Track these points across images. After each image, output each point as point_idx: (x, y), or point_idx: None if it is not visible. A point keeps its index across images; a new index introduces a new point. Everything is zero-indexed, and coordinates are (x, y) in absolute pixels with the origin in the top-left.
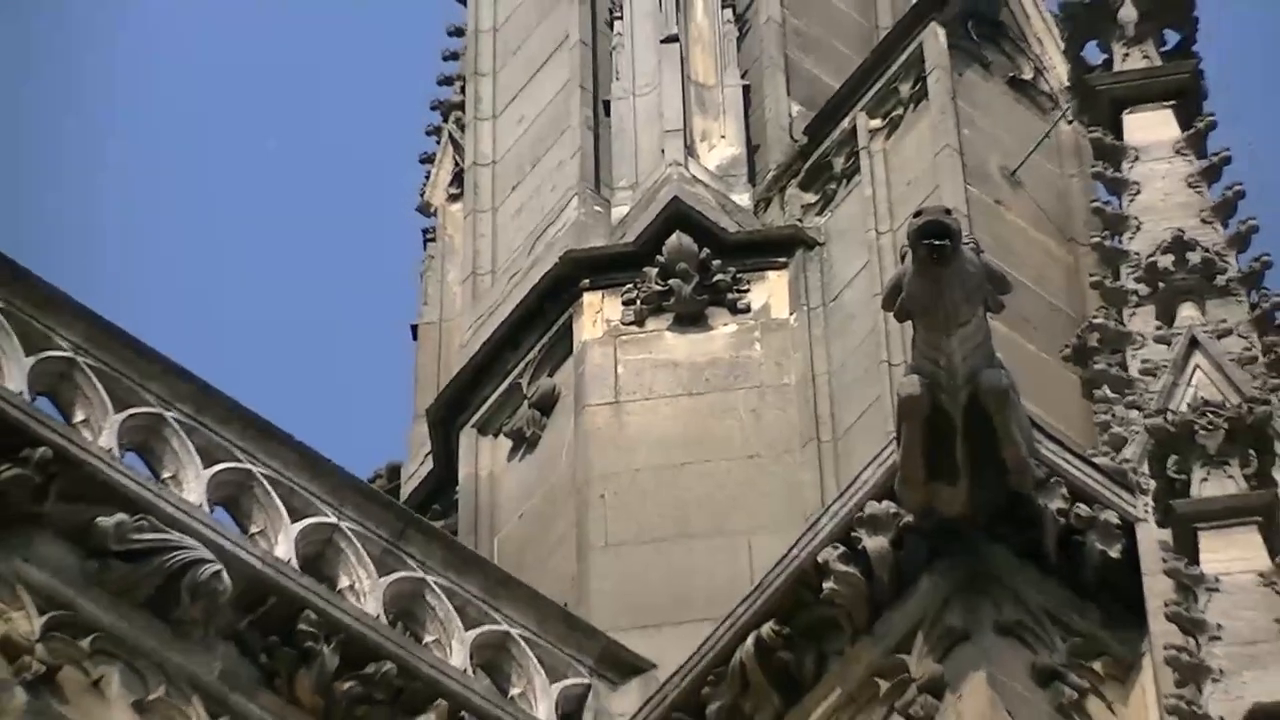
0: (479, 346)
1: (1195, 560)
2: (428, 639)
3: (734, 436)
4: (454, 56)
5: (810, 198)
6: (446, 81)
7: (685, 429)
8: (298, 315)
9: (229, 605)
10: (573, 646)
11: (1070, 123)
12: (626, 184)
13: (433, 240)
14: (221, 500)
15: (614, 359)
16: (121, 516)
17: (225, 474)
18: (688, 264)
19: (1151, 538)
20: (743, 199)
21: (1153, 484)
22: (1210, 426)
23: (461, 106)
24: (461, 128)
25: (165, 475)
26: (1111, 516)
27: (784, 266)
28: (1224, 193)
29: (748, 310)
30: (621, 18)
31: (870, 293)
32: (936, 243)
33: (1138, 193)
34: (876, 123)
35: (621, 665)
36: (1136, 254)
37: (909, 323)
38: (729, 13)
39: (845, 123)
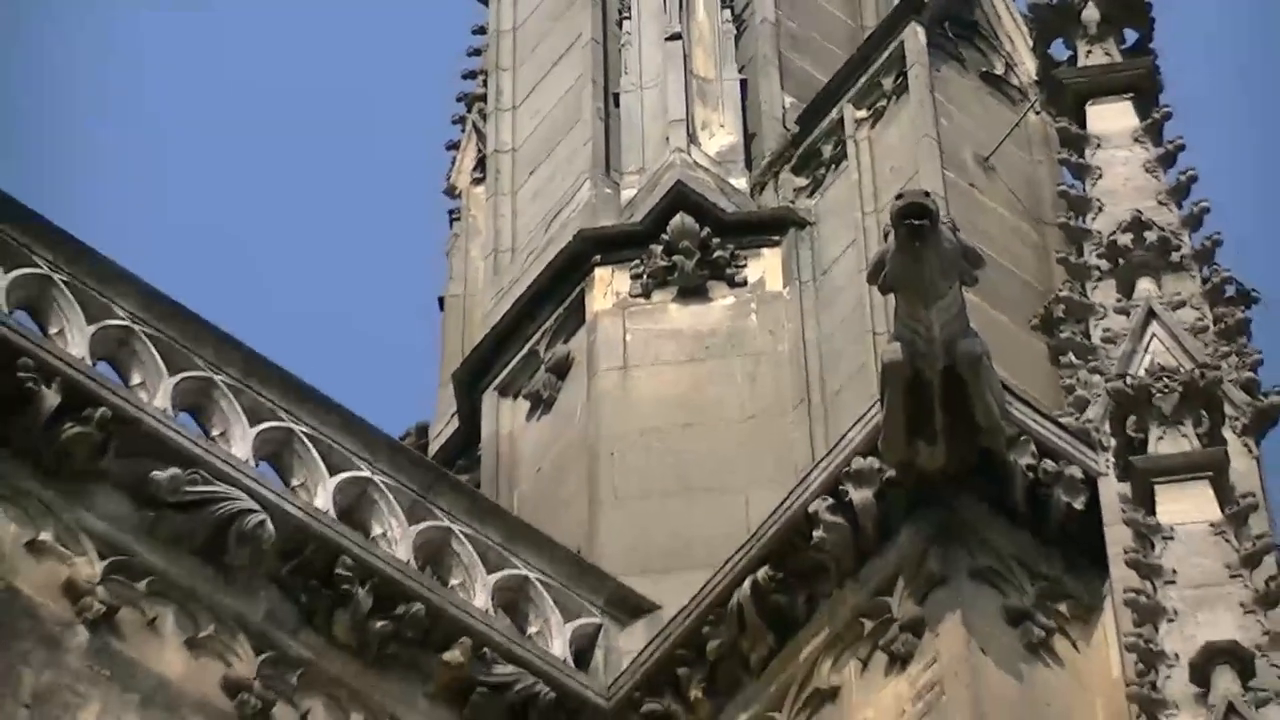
0: (500, 317)
1: (1152, 511)
2: (453, 582)
3: (732, 399)
4: (477, 53)
5: (801, 181)
6: (470, 76)
7: (687, 392)
8: (337, 289)
9: (273, 552)
10: (585, 589)
11: (1038, 113)
12: (634, 169)
13: (458, 220)
14: (266, 456)
15: (623, 328)
16: (175, 470)
17: (269, 432)
18: (690, 242)
19: (1112, 491)
20: (740, 183)
21: (1113, 442)
22: (1166, 390)
23: (484, 98)
24: (484, 118)
25: (215, 433)
26: (1076, 471)
27: (778, 244)
28: (1179, 177)
29: (745, 284)
30: (630, 18)
31: (856, 268)
32: (916, 222)
33: (1100, 177)
34: (862, 114)
35: (629, 607)
36: (1099, 233)
37: (891, 295)
38: (727, 13)
39: (833, 114)
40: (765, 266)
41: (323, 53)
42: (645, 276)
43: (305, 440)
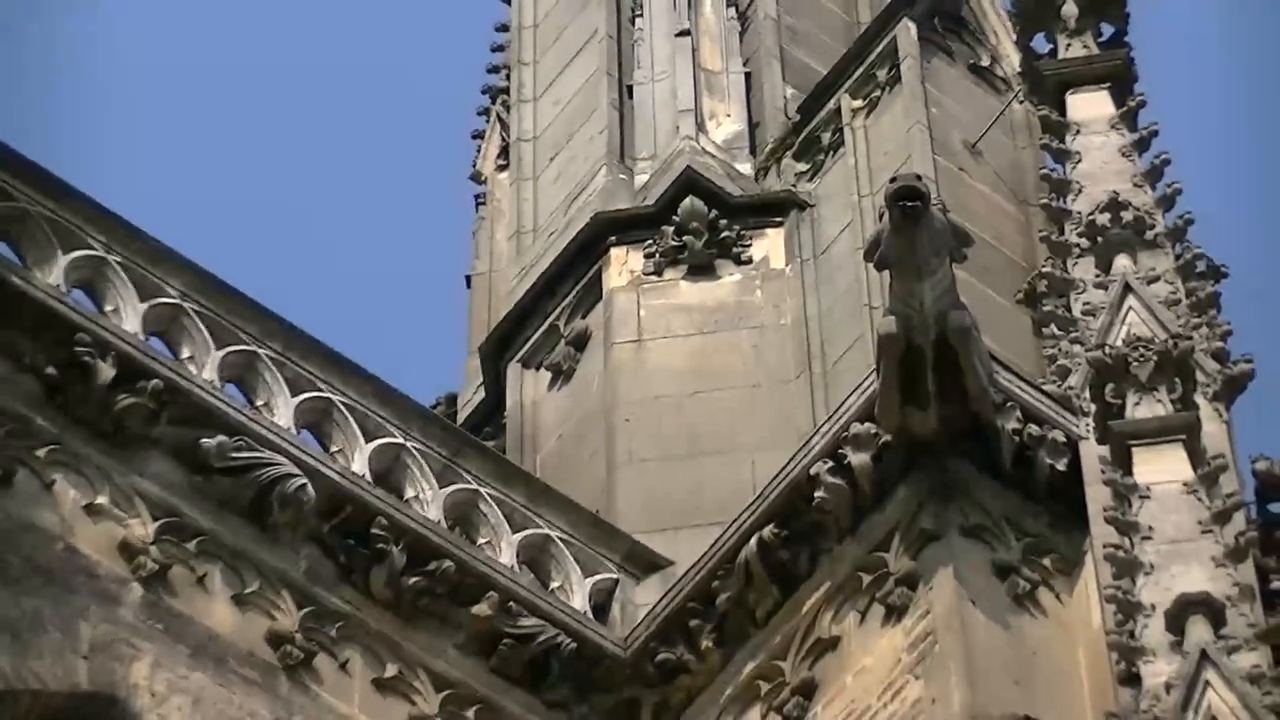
0: (523, 293)
1: (1129, 472)
2: (481, 541)
3: (738, 369)
4: (500, 49)
5: (802, 166)
6: (494, 70)
7: (697, 363)
8: (372, 268)
9: (313, 513)
10: (603, 546)
11: (1022, 102)
12: (646, 156)
13: (483, 204)
14: (307, 424)
15: (637, 304)
16: (222, 438)
17: (309, 402)
18: (699, 223)
19: (1092, 453)
20: (745, 168)
21: (1093, 407)
22: (1142, 358)
23: (507, 91)
24: (507, 109)
25: (259, 403)
26: (1058, 435)
27: (780, 225)
28: (1153, 161)
29: (750, 262)
30: (641, 15)
31: (853, 246)
32: (909, 204)
33: (1079, 161)
34: (858, 103)
35: (644, 563)
36: (1078, 213)
37: (886, 272)
38: (732, 10)
39: (831, 103)
40: (769, 246)
41: (358, 50)
42: (657, 255)
43: (343, 409)
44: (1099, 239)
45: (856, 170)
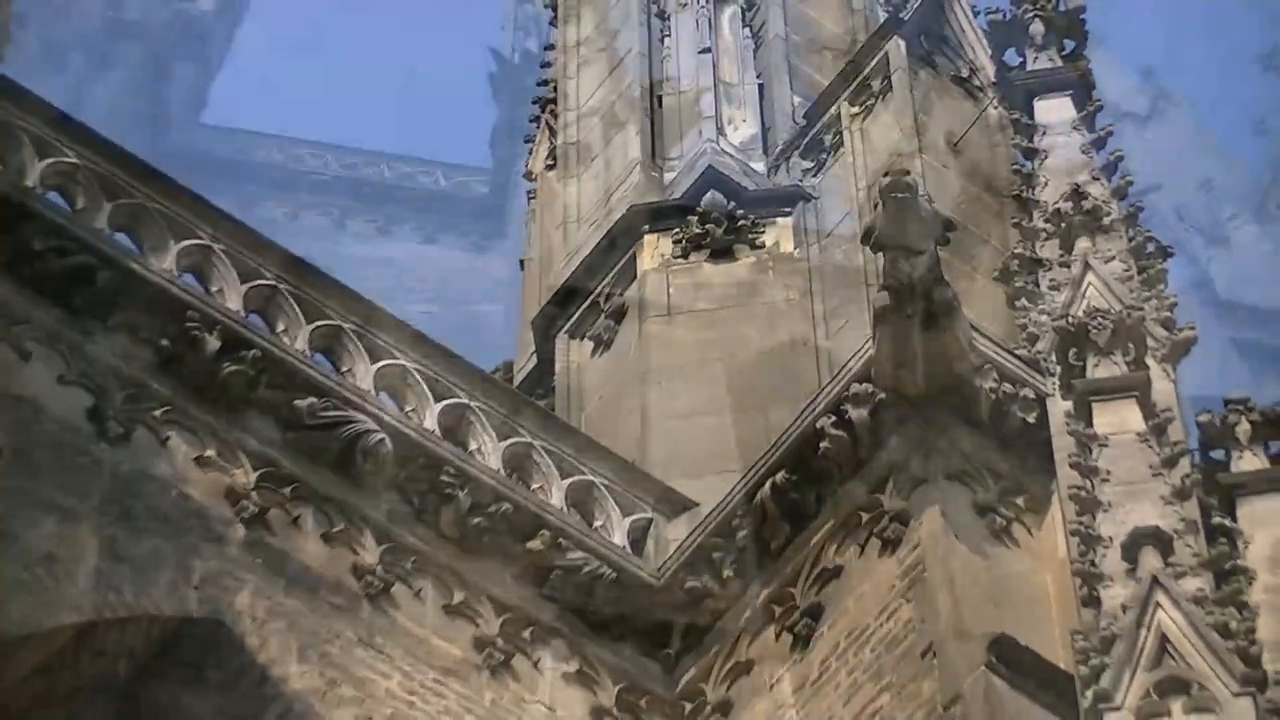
0: (569, 275)
1: (1090, 424)
2: (534, 486)
3: (754, 338)
4: (548, 65)
5: (808, 164)
6: (544, 83)
7: (718, 333)
8: (442, 259)
9: (391, 463)
10: (639, 490)
11: (996, 108)
12: (674, 156)
13: (534, 198)
14: (384, 387)
15: (667, 282)
16: (312, 399)
17: (387, 368)
18: (719, 213)
19: (1058, 408)
20: (759, 166)
21: (1059, 369)
22: (1100, 326)
23: (555, 101)
24: (555, 117)
25: (344, 369)
26: (1029, 393)
27: (789, 214)
28: (1108, 157)
29: (763, 247)
30: (669, 36)
31: (852, 232)
32: (900, 195)
33: (1046, 158)
34: (855, 110)
35: (674, 504)
36: (1045, 202)
37: (881, 253)
38: (747, 31)
39: (833, 110)
40: (779, 232)
41: (424, 72)
42: (684, 241)
43: (416, 374)
44: (1063, 224)
45: (854, 167)
